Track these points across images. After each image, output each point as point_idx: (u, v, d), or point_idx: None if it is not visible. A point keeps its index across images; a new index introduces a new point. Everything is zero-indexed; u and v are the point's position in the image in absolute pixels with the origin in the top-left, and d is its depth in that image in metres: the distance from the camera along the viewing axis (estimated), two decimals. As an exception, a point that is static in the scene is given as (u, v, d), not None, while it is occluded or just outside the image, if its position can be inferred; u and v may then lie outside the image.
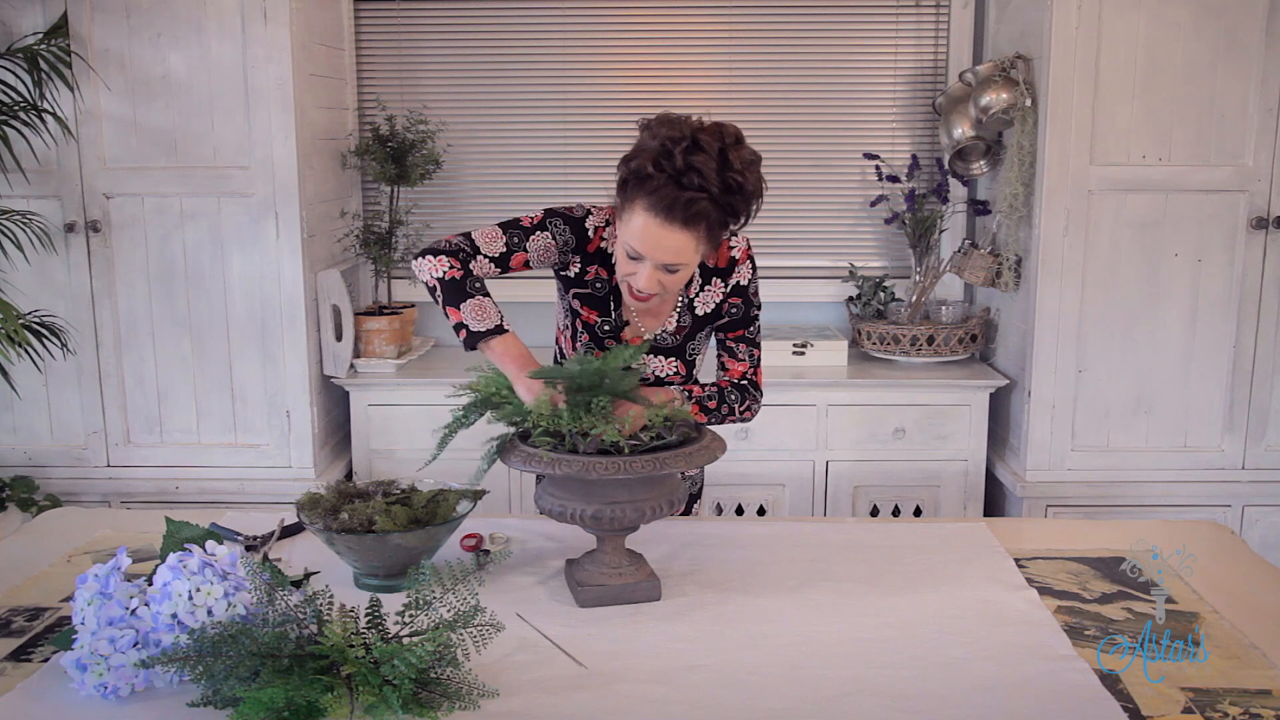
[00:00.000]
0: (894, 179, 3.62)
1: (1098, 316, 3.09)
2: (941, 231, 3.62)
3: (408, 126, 3.42)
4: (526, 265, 1.91)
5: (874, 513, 3.36)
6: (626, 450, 1.65)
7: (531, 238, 1.89)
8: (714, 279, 2.01)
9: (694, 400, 1.95)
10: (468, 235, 1.87)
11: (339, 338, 3.27)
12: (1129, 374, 3.13)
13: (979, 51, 3.61)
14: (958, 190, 3.65)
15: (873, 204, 3.64)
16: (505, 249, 1.87)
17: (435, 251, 1.84)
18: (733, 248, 2.00)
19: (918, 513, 3.35)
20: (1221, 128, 3.00)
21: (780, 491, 3.35)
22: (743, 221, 1.85)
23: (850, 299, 3.69)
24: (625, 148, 1.84)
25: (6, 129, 2.91)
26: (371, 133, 3.46)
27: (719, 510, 3.35)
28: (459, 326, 1.81)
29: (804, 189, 3.73)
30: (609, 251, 1.94)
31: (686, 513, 2.23)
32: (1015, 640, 1.58)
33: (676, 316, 2.01)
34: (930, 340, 3.44)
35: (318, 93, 3.28)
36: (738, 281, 2.02)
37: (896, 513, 3.36)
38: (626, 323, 2.00)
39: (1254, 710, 1.39)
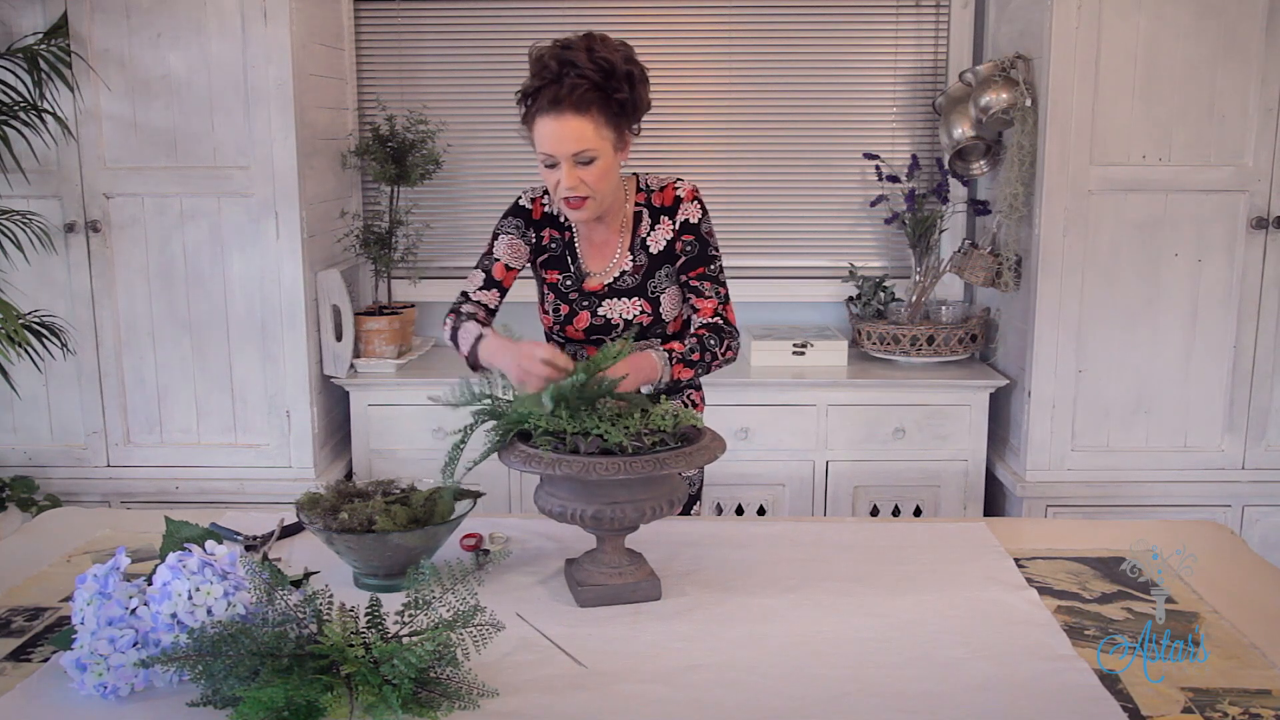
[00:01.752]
0: (894, 179, 3.62)
1: (1098, 317, 3.09)
2: (941, 231, 3.62)
3: (408, 126, 3.42)
4: (513, 270, 2.13)
5: (874, 513, 3.36)
6: (629, 450, 1.65)
7: (495, 249, 2.13)
8: (662, 217, 2.13)
9: (678, 359, 2.00)
10: (461, 292, 2.13)
11: (339, 338, 3.27)
12: (1129, 374, 3.13)
13: (979, 51, 3.61)
14: (958, 190, 3.65)
15: (873, 204, 3.64)
16: (484, 274, 2.12)
17: (446, 317, 2.11)
18: (677, 187, 2.13)
19: (918, 513, 3.35)
20: (1221, 128, 3.00)
21: (780, 491, 3.35)
22: (634, 106, 2.00)
23: (850, 299, 3.69)
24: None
25: (6, 129, 2.91)
26: (371, 133, 3.46)
27: (719, 510, 3.35)
28: (465, 356, 2.03)
29: (804, 189, 3.73)
30: (553, 212, 2.14)
31: (685, 513, 2.24)
32: (1015, 640, 1.58)
33: (632, 256, 2.12)
34: (930, 340, 3.44)
35: (318, 93, 3.28)
36: (686, 219, 2.12)
37: (896, 513, 3.36)
38: (587, 273, 2.14)
39: (1254, 710, 1.39)
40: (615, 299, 2.12)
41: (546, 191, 2.14)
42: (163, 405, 3.21)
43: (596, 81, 1.92)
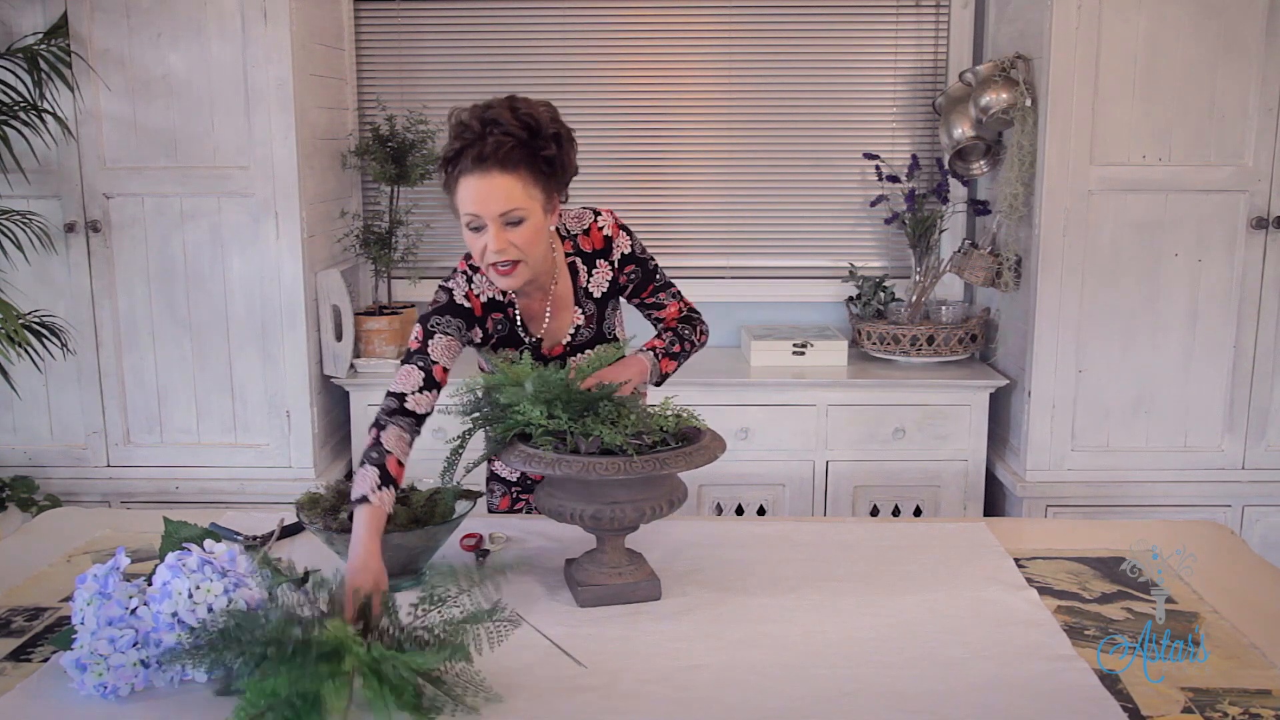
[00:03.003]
0: (894, 179, 3.62)
1: (1098, 316, 3.09)
2: (941, 231, 3.62)
3: (408, 126, 3.42)
4: (448, 370, 1.91)
5: (874, 513, 3.36)
6: (631, 451, 1.65)
7: (432, 349, 1.90)
8: (597, 261, 2.04)
9: (662, 355, 2.00)
10: (391, 394, 1.85)
11: (339, 338, 3.27)
12: (1129, 374, 3.13)
13: (979, 51, 3.61)
14: (958, 190, 3.65)
15: (873, 204, 3.64)
16: (424, 374, 1.86)
17: (371, 428, 1.83)
18: (601, 227, 2.04)
19: (918, 513, 3.35)
20: (1221, 128, 3.00)
21: (780, 491, 3.35)
22: (561, 165, 1.88)
23: (850, 299, 3.69)
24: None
25: (6, 129, 2.91)
26: (371, 133, 3.46)
27: (719, 510, 3.35)
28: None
29: (804, 189, 3.73)
30: (490, 298, 1.97)
31: None
32: (1015, 640, 1.58)
33: (580, 309, 2.05)
34: (930, 340, 3.44)
35: (318, 93, 3.28)
36: (622, 253, 2.05)
37: (896, 513, 3.36)
38: (540, 340, 2.02)
39: (1254, 710, 1.39)
40: (579, 354, 2.06)
41: (470, 277, 1.97)
42: (163, 405, 3.21)
43: (522, 139, 1.81)
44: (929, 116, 3.67)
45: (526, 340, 2.02)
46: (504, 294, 1.99)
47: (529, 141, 1.82)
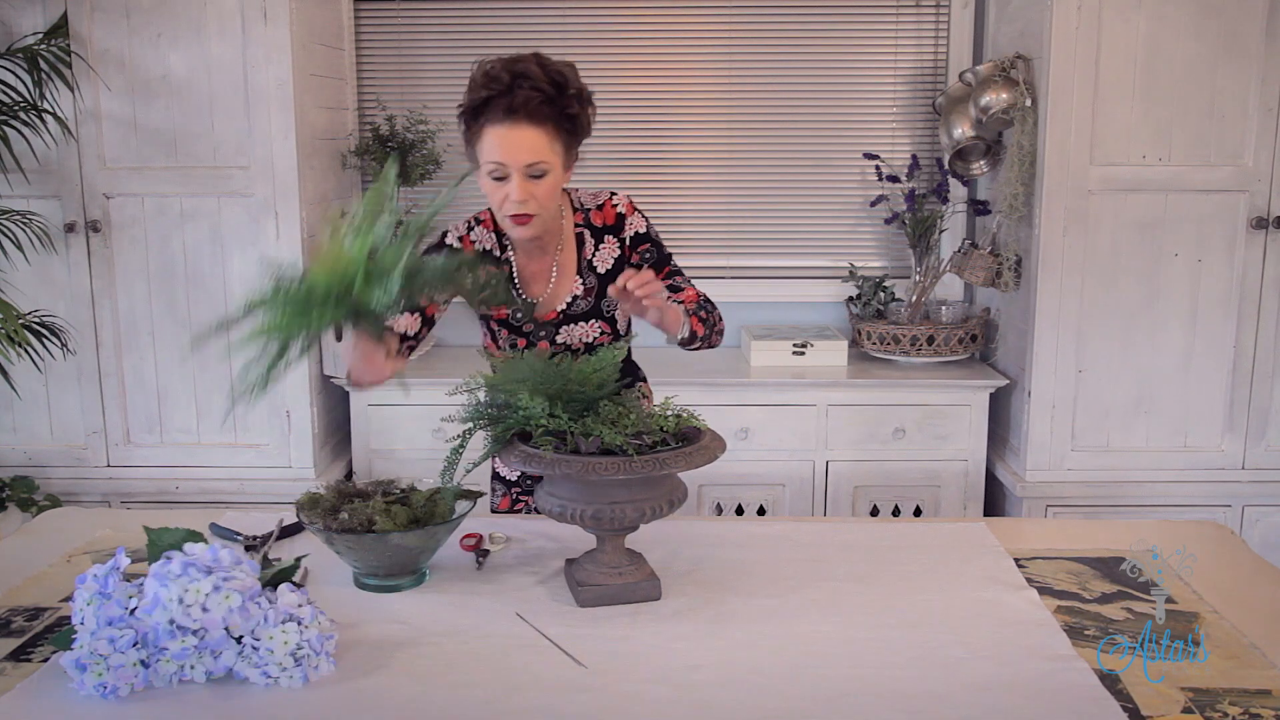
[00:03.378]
0: (894, 179, 3.62)
1: (1098, 316, 3.09)
2: (941, 231, 3.62)
3: (408, 126, 3.42)
4: (436, 304, 2.00)
5: (874, 513, 3.36)
6: (631, 451, 1.65)
7: None
8: (606, 236, 2.09)
9: (691, 313, 2.01)
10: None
11: (339, 338, 3.26)
12: (1129, 374, 3.13)
13: (979, 51, 3.61)
14: (958, 190, 3.65)
15: (873, 204, 3.64)
16: (410, 312, 1.97)
17: None
18: (615, 205, 2.09)
19: (918, 513, 3.35)
20: (1221, 128, 3.00)
21: (780, 491, 3.35)
22: (582, 125, 1.96)
23: (850, 299, 3.69)
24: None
25: (6, 129, 2.91)
26: (371, 133, 3.46)
27: (719, 510, 3.35)
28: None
29: (804, 189, 3.73)
30: (485, 249, 2.06)
31: None
32: (1015, 640, 1.58)
33: (581, 279, 2.08)
34: (930, 340, 3.44)
35: (318, 93, 3.28)
36: (635, 231, 2.09)
37: (896, 513, 3.36)
38: (535, 302, 2.07)
39: (1254, 710, 1.39)
40: (572, 324, 2.09)
41: (472, 226, 2.07)
42: (163, 405, 3.21)
43: (550, 95, 1.88)
44: (929, 116, 3.67)
45: (520, 299, 2.06)
46: (501, 249, 2.06)
47: (556, 98, 1.88)
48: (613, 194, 2.09)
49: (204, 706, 1.40)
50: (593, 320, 2.10)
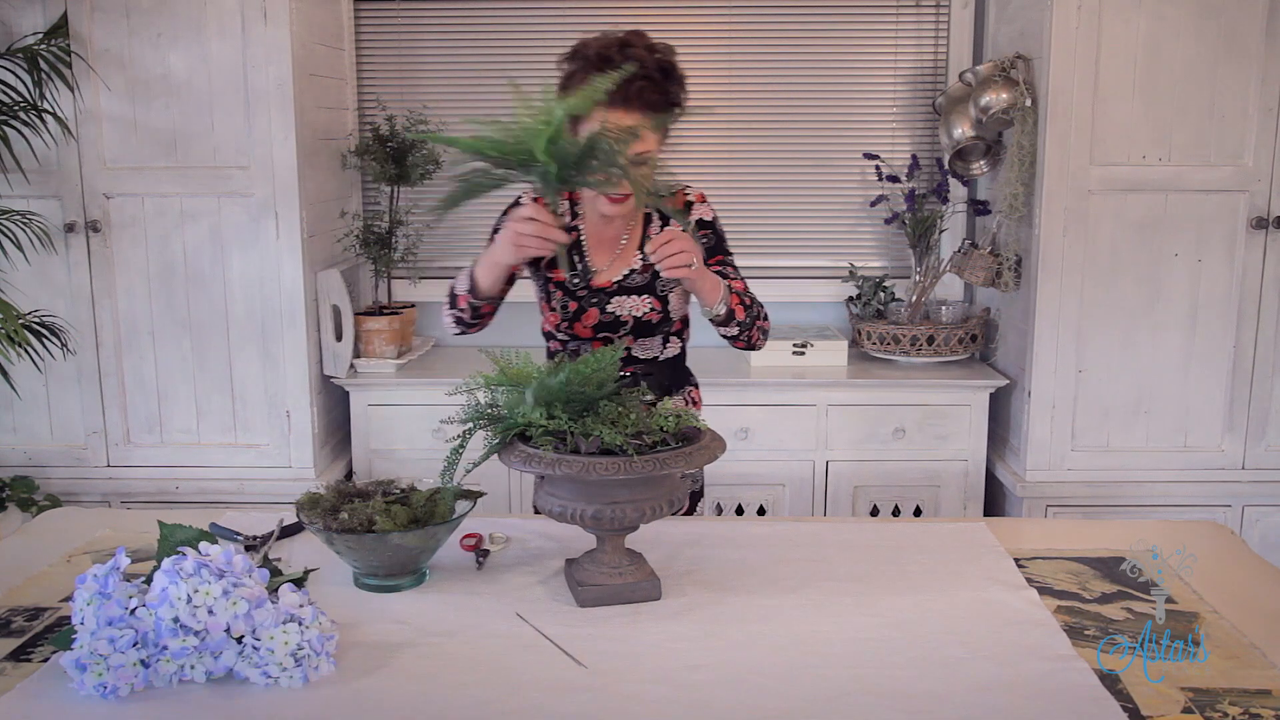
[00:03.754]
0: (894, 179, 3.62)
1: (1097, 316, 3.09)
2: (941, 231, 3.62)
3: (408, 126, 3.42)
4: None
5: (874, 513, 3.36)
6: (631, 451, 1.65)
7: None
8: (671, 220, 2.14)
9: (734, 293, 2.06)
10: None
11: (339, 338, 3.27)
12: (1129, 374, 3.13)
13: (979, 51, 3.61)
14: (958, 190, 3.65)
15: (873, 204, 3.64)
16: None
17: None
18: (687, 193, 2.17)
19: (918, 513, 3.35)
20: (1221, 128, 3.00)
21: (780, 491, 3.35)
22: (679, 109, 2.05)
23: (850, 299, 3.69)
24: None
25: (6, 129, 2.92)
26: (371, 133, 3.46)
27: (719, 510, 3.35)
28: (462, 300, 2.10)
29: (804, 189, 3.73)
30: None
31: (690, 512, 2.25)
32: (1015, 640, 1.58)
33: (641, 255, 2.14)
34: (930, 340, 3.44)
35: (318, 93, 3.28)
36: (701, 218, 2.17)
37: (896, 513, 3.36)
38: (594, 271, 2.13)
39: (1254, 710, 1.39)
40: (624, 296, 2.14)
41: None
42: (163, 405, 3.21)
43: (659, 82, 1.96)
44: (929, 116, 3.67)
45: (579, 265, 2.13)
46: (573, 217, 2.15)
47: (663, 85, 1.98)
48: (687, 186, 2.17)
49: (204, 706, 1.40)
50: (645, 295, 2.14)
